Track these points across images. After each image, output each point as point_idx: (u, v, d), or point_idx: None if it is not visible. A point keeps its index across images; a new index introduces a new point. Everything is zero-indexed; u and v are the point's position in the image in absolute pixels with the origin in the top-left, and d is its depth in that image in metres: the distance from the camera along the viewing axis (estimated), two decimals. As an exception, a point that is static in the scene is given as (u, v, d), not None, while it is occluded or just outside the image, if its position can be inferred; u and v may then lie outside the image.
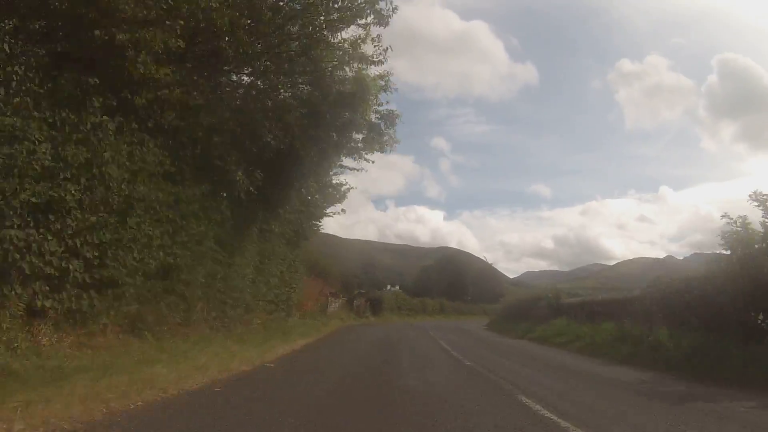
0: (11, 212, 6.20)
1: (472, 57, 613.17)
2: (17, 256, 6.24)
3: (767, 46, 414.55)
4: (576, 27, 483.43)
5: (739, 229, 9.97)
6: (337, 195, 20.27)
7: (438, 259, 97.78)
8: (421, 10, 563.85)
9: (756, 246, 9.75)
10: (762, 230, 9.78)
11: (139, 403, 4.93)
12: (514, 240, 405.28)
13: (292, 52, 12.10)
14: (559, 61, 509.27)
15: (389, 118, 15.44)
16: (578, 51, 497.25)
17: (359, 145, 16.06)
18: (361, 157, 16.67)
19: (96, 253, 7.51)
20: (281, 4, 11.63)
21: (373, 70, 13.36)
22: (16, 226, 6.25)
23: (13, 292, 6.20)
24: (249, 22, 10.69)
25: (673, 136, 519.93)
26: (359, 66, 13.02)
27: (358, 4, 11.74)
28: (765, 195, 9.82)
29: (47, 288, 6.72)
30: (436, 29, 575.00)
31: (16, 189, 6.26)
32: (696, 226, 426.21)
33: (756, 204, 9.91)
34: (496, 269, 68.59)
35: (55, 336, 6.73)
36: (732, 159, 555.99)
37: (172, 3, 8.69)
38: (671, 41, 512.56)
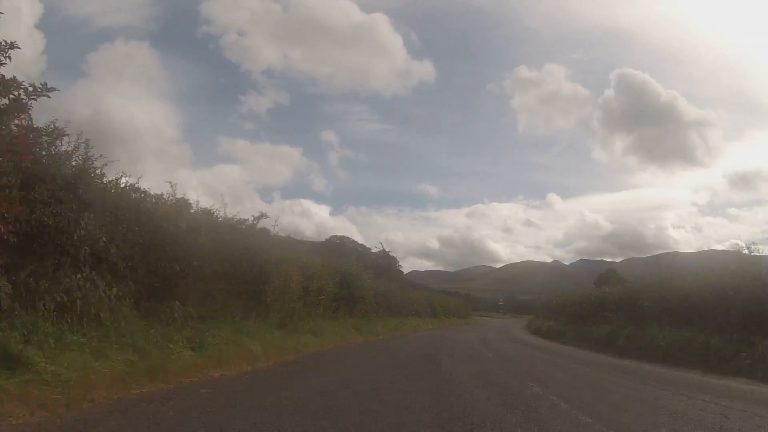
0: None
1: (370, 50, 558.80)
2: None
3: (666, 66, 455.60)
4: (479, 32, 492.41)
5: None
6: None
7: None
8: None
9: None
10: None
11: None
12: (399, 239, 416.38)
13: None
14: (457, 63, 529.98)
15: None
16: (478, 55, 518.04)
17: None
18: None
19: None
20: None
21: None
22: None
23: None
24: None
25: (566, 145, 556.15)
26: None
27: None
28: None
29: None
30: (335, 19, 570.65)
31: None
32: (582, 233, 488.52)
33: None
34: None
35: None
36: (622, 171, 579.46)
37: None
38: (572, 55, 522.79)
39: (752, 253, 13.39)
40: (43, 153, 7.31)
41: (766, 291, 11.04)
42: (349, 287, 20.67)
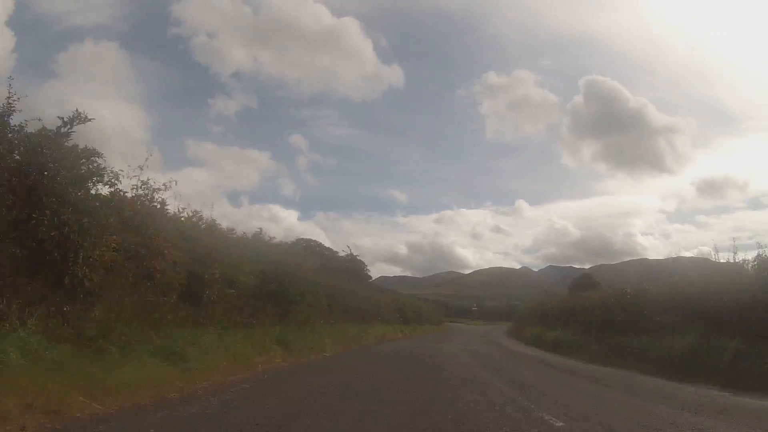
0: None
1: (340, 54, 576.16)
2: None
3: (634, 73, 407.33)
4: (449, 38, 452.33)
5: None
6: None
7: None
8: (292, 1, 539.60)
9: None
10: None
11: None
12: (367, 244, 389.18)
13: None
14: (427, 68, 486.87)
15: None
16: (448, 61, 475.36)
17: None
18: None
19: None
20: None
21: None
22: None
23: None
24: None
25: (534, 152, 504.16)
26: None
27: None
28: None
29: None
30: (306, 22, 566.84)
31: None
32: (551, 239, 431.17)
33: None
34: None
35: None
36: (591, 177, 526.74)
37: None
38: (541, 62, 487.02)
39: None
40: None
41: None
42: (280, 281, 13.64)
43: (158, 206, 10.22)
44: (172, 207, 11.00)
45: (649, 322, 14.36)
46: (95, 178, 7.79)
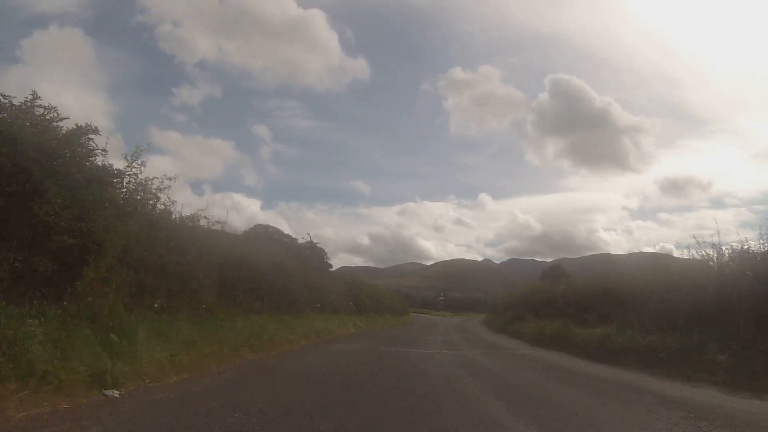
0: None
1: (305, 46, 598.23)
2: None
3: (600, 73, 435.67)
4: (415, 33, 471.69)
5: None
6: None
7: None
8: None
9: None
10: None
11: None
12: (329, 234, 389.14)
13: None
14: (392, 62, 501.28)
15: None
16: (413, 55, 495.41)
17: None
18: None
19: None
20: None
21: None
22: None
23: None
24: None
25: (499, 147, 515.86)
26: None
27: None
28: None
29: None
30: (271, 13, 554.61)
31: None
32: (513, 233, 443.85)
33: None
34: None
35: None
36: (554, 174, 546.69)
37: None
38: (508, 59, 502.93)
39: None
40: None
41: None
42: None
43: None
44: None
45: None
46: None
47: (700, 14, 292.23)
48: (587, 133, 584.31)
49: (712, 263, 12.08)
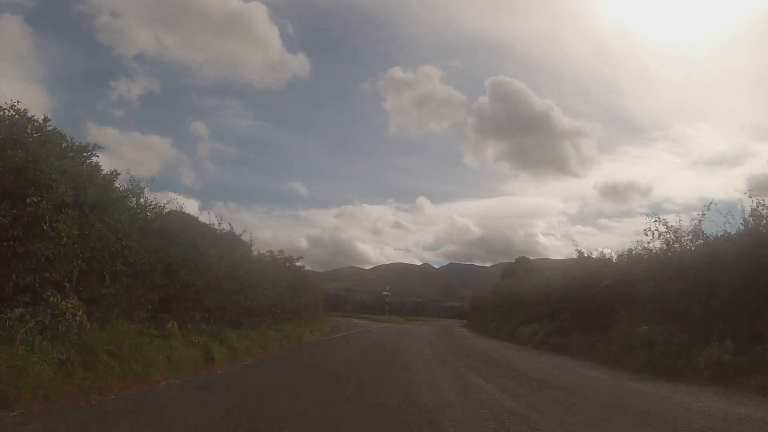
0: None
1: (246, 40, 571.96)
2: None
3: (541, 79, 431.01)
4: (358, 33, 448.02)
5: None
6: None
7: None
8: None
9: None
10: None
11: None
12: (267, 237, 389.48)
13: None
14: (332, 60, 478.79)
15: None
16: (354, 55, 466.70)
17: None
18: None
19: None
20: None
21: None
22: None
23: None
24: None
25: (438, 150, 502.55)
26: None
27: None
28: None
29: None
30: (212, 4, 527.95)
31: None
32: (452, 237, 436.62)
33: None
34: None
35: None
36: (494, 178, 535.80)
37: None
38: (450, 62, 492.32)
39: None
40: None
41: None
42: None
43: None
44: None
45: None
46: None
47: (643, 24, 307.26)
48: (527, 136, 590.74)
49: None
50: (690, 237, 12.59)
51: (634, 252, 15.51)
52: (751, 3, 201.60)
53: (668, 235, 13.14)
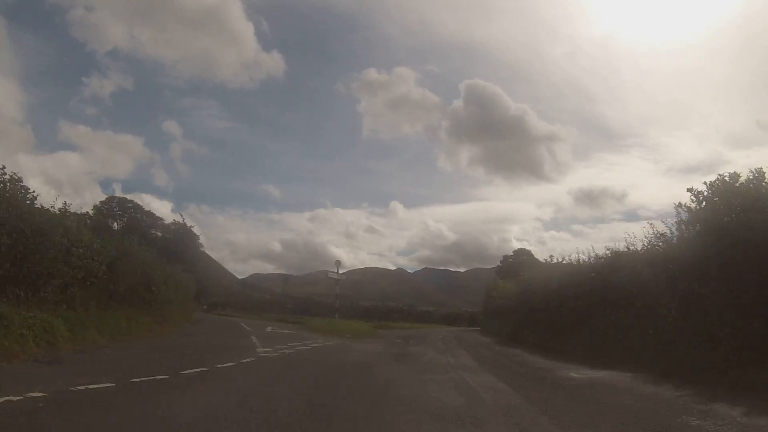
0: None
1: (220, 36, 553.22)
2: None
3: (517, 84, 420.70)
4: (334, 34, 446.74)
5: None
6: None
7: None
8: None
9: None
10: None
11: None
12: (240, 240, 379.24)
13: None
14: (307, 61, 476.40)
15: None
16: (329, 56, 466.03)
17: None
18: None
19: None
20: None
21: None
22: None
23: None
24: None
25: (412, 154, 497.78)
26: None
27: None
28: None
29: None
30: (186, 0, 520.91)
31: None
32: (426, 242, 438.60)
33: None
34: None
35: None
36: (468, 182, 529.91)
37: None
38: (425, 66, 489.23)
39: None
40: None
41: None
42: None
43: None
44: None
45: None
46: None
47: (620, 32, 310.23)
48: (502, 140, 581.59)
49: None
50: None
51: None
52: (728, 13, 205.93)
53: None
